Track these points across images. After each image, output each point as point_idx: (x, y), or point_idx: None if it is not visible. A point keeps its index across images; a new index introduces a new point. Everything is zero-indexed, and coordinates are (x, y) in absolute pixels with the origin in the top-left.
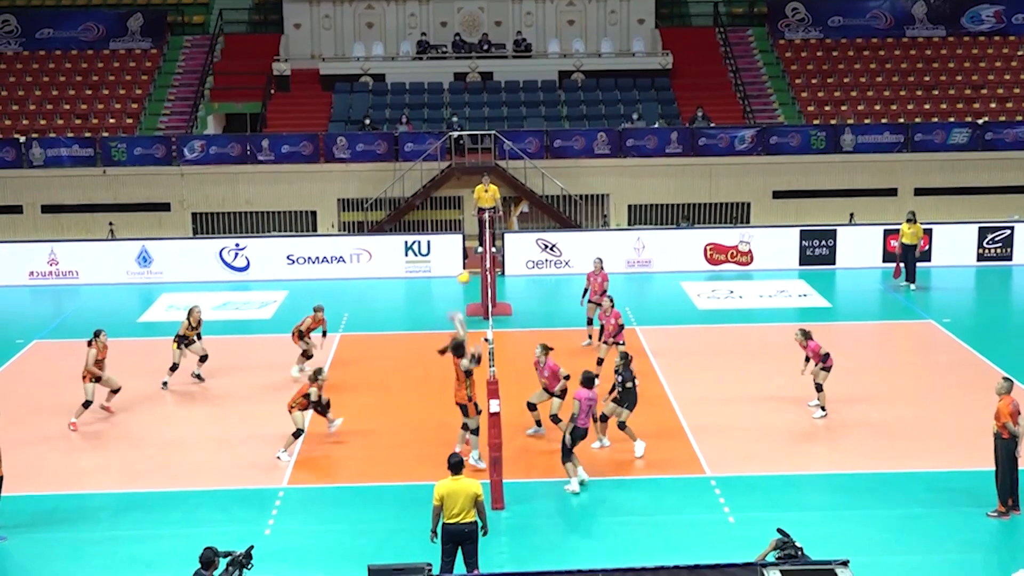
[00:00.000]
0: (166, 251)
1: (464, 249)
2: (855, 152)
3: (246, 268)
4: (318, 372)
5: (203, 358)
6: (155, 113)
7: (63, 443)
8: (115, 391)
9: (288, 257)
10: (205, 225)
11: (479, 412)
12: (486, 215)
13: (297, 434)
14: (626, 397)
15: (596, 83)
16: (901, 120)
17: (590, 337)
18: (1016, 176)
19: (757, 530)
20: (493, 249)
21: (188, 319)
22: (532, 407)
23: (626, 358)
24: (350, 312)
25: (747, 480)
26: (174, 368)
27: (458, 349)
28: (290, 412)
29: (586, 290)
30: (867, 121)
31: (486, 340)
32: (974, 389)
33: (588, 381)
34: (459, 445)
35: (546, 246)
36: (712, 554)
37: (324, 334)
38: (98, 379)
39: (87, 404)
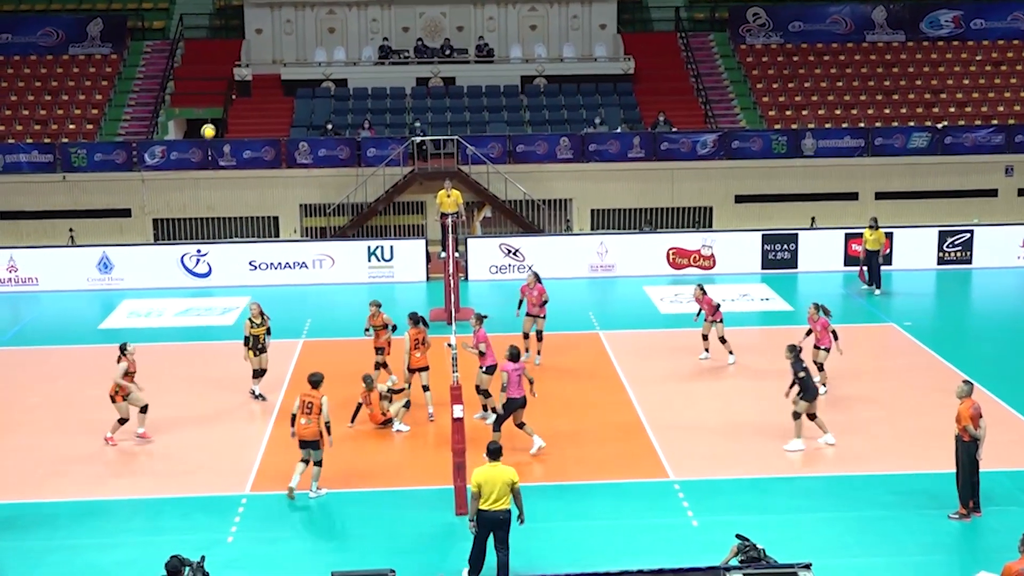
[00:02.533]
0: (127, 257)
1: (427, 254)
2: (816, 156)
3: (208, 274)
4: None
5: (262, 372)
6: (115, 119)
7: (22, 451)
8: (143, 410)
9: (250, 263)
10: (166, 231)
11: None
12: (449, 220)
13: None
14: (804, 387)
15: (558, 88)
16: (861, 124)
17: (526, 351)
18: (975, 180)
19: (720, 534)
20: (456, 254)
21: (250, 318)
22: (482, 392)
23: (795, 350)
24: (312, 318)
25: (710, 483)
26: (255, 374)
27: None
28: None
29: (521, 302)
30: (828, 125)
31: (449, 345)
32: (935, 392)
33: (514, 356)
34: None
35: (509, 251)
36: (675, 558)
37: (393, 327)
38: (126, 396)
39: (123, 420)
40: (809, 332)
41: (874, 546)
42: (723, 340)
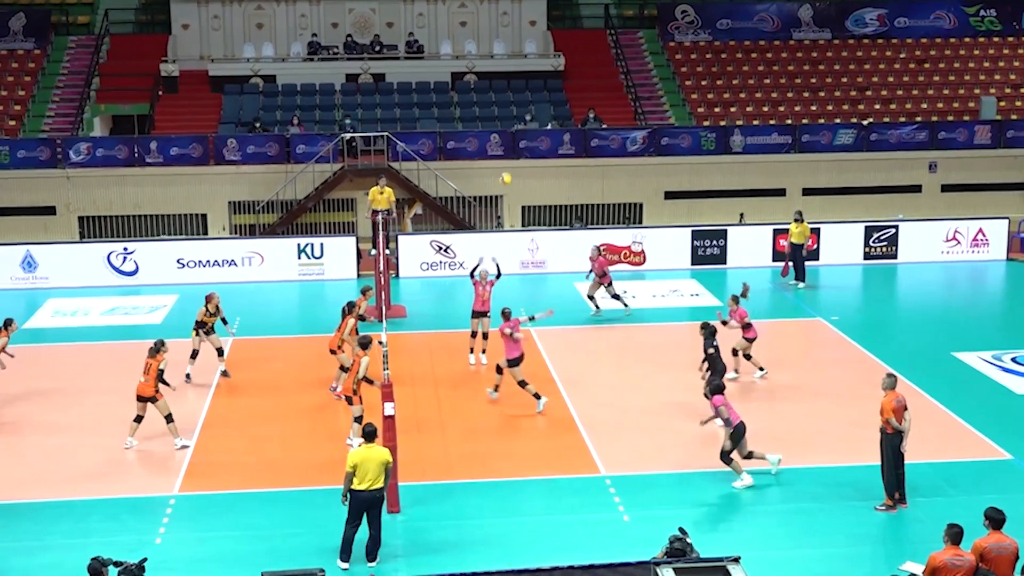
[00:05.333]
0: (52, 256)
1: (358, 251)
2: (744, 153)
3: (135, 272)
4: (161, 343)
5: (220, 351)
6: (39, 115)
7: None
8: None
9: (178, 261)
10: (92, 229)
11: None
12: (379, 217)
13: (169, 418)
14: (712, 364)
15: (489, 84)
16: (789, 121)
17: (597, 307)
18: (900, 176)
19: (651, 528)
20: (387, 251)
21: (206, 305)
22: (499, 370)
23: (708, 327)
24: (242, 316)
25: (641, 478)
26: (194, 356)
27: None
28: (156, 399)
29: (591, 272)
30: (756, 122)
31: (380, 343)
32: (861, 385)
33: (717, 388)
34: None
35: (440, 248)
36: (607, 553)
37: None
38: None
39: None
40: (738, 323)
41: (802, 538)
42: (591, 297)
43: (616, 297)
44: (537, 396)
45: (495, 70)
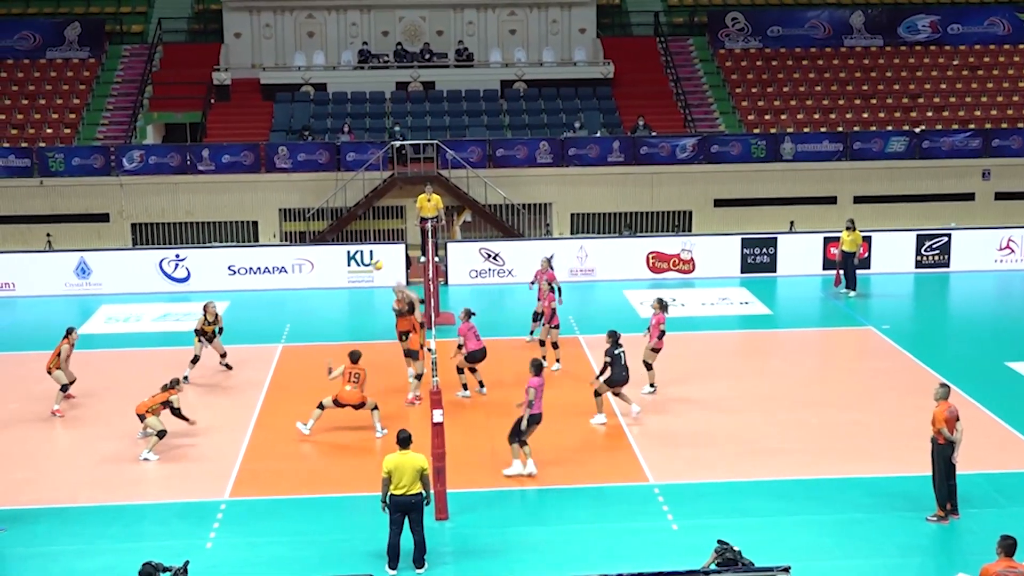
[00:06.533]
0: (105, 262)
1: (407, 258)
2: (795, 160)
3: (187, 279)
4: (176, 382)
5: (223, 355)
6: (93, 123)
7: None
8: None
9: (229, 268)
10: (145, 236)
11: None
12: (428, 224)
13: (161, 435)
14: (610, 370)
15: (538, 92)
16: (840, 129)
17: (531, 334)
18: (952, 184)
19: (700, 537)
20: (436, 259)
21: (204, 315)
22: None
23: (614, 335)
24: (292, 323)
25: (690, 487)
26: (195, 361)
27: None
28: (145, 416)
29: (534, 282)
30: (806, 130)
31: (429, 350)
32: (913, 395)
33: (537, 368)
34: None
35: (489, 255)
36: (656, 562)
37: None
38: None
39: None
40: (653, 332)
41: (852, 548)
42: (539, 315)
43: (537, 318)
44: (464, 386)
45: (544, 78)
